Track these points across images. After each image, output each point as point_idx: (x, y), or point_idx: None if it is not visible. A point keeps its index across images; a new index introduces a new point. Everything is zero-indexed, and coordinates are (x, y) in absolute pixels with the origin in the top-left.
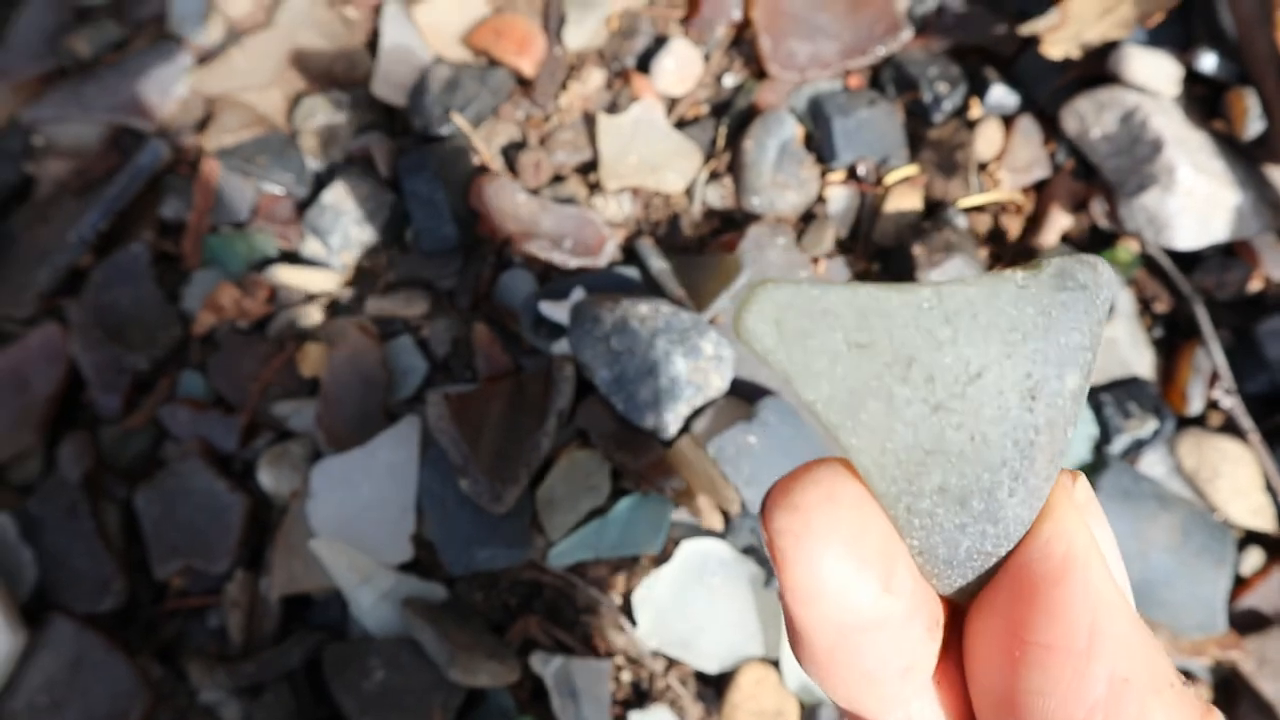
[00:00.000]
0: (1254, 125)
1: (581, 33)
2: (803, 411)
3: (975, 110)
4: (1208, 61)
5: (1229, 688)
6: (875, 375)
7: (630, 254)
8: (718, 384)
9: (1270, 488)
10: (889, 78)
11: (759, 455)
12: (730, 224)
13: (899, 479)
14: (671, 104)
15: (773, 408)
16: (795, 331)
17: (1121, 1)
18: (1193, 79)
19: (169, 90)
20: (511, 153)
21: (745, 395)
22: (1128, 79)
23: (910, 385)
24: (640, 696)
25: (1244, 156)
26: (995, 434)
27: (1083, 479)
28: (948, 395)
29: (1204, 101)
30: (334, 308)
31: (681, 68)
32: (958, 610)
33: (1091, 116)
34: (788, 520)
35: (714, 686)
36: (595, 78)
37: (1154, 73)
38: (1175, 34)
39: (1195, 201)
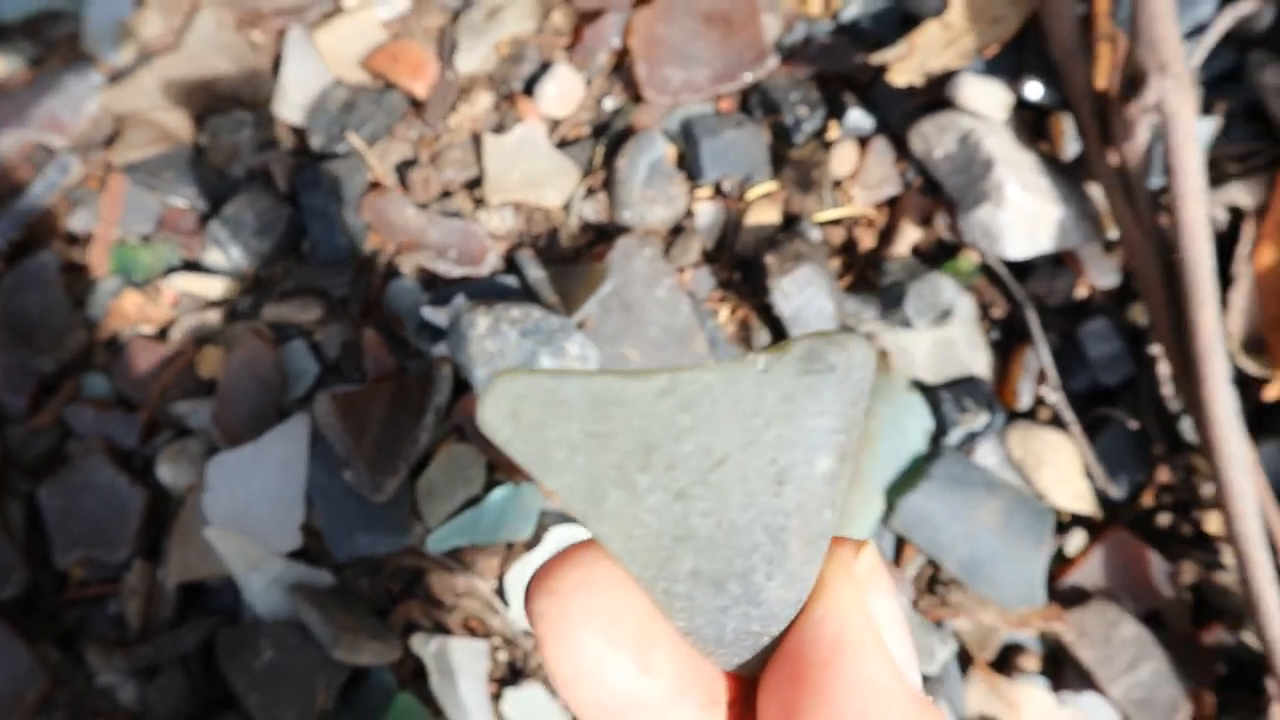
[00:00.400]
0: (1072, 147)
1: (472, 58)
2: (550, 498)
3: (833, 132)
4: (1033, 90)
5: (1055, 657)
6: (615, 465)
7: (511, 263)
8: None
9: (1089, 474)
10: (756, 102)
11: None
12: (604, 236)
13: (650, 564)
14: (554, 125)
15: None
16: (531, 423)
17: (963, 34)
18: (1021, 105)
19: (81, 108)
20: (403, 169)
21: None
22: (963, 104)
23: (651, 473)
24: (515, 674)
25: (1066, 175)
26: (743, 520)
27: (869, 551)
28: (690, 482)
29: (1031, 125)
30: (233, 314)
31: (564, 92)
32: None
33: (934, 138)
34: (546, 604)
35: None
36: (484, 100)
37: (986, 99)
38: (1009, 64)
39: (1023, 216)
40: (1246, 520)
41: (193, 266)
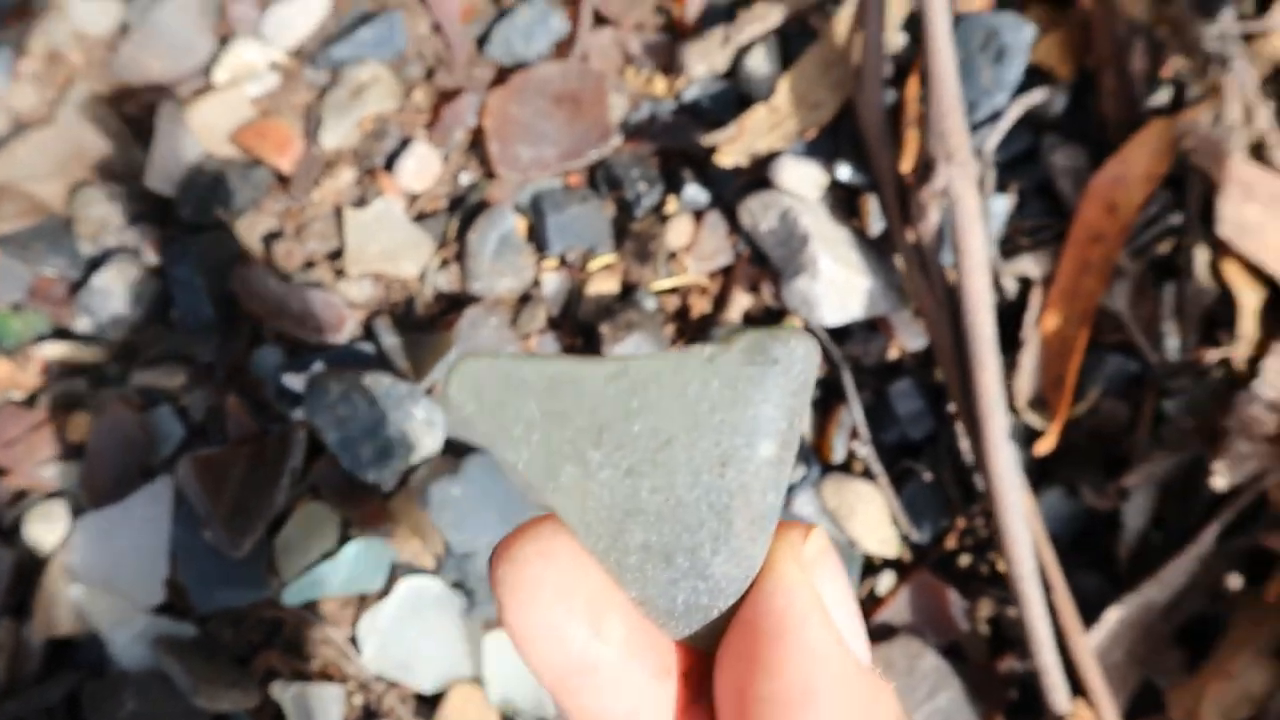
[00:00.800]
0: (877, 224)
1: (336, 134)
2: (510, 474)
3: (671, 206)
4: (844, 171)
5: None
6: (569, 441)
7: (369, 331)
8: (430, 444)
9: (896, 521)
10: (601, 178)
11: (462, 505)
12: (456, 305)
13: (603, 536)
14: (412, 199)
15: (476, 464)
16: (492, 401)
17: (787, 118)
18: (835, 185)
19: None
20: (269, 241)
21: (456, 453)
22: (781, 185)
23: (602, 450)
24: (369, 716)
25: (874, 249)
26: (690, 497)
27: (818, 533)
28: (639, 460)
29: (844, 203)
30: (101, 380)
31: (422, 167)
32: (710, 659)
33: (759, 214)
34: (505, 570)
35: (430, 704)
36: (346, 175)
37: (803, 180)
38: (827, 147)
39: (835, 286)
40: (1022, 562)
41: (63, 334)
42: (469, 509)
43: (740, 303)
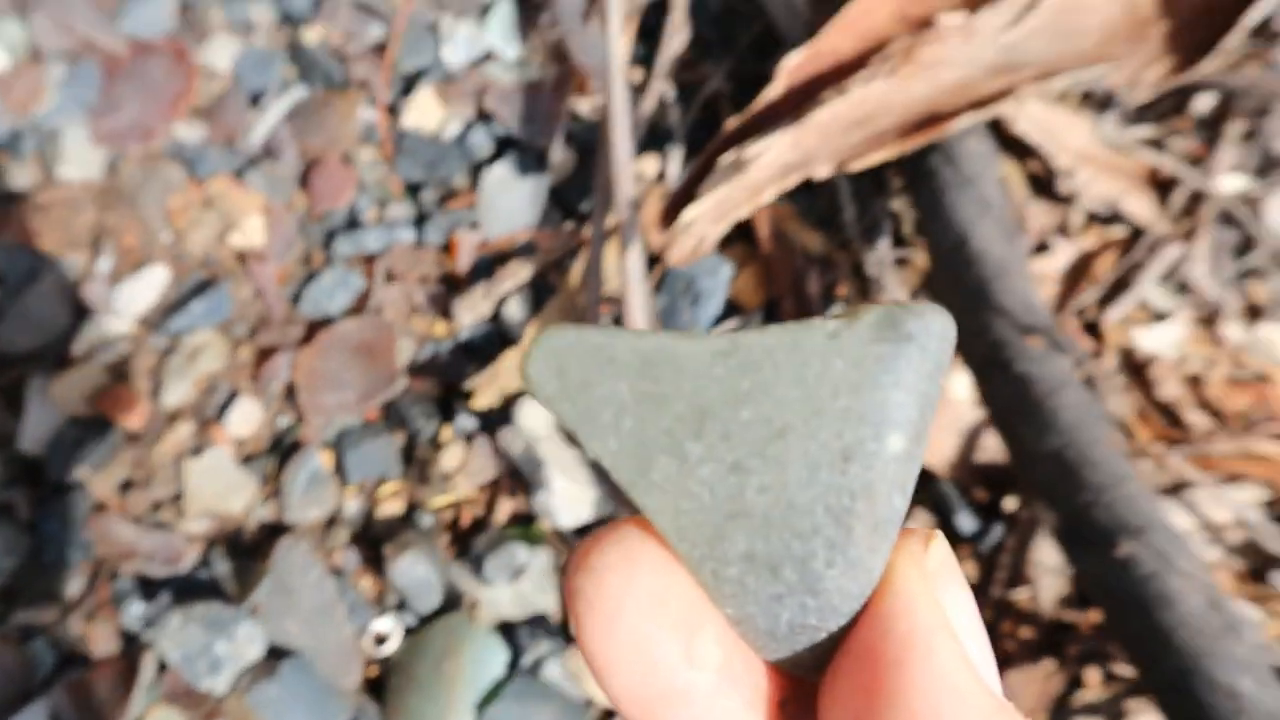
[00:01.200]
0: None
1: (176, 394)
2: (599, 466)
3: (447, 434)
4: None
5: None
6: (665, 430)
7: (206, 560)
8: (252, 653)
9: None
10: (394, 415)
11: (279, 701)
12: (275, 533)
13: (700, 543)
14: (239, 444)
15: (291, 666)
16: (578, 381)
17: None
18: None
19: None
20: (122, 490)
21: (275, 656)
22: (520, 423)
23: (704, 442)
24: None
25: (598, 468)
26: (804, 499)
27: (940, 541)
28: (747, 454)
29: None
30: None
31: (246, 417)
32: (811, 687)
33: (511, 441)
34: (584, 581)
35: None
36: (184, 429)
37: (538, 419)
38: None
39: (567, 497)
40: None
41: None
42: (285, 703)
43: (504, 509)
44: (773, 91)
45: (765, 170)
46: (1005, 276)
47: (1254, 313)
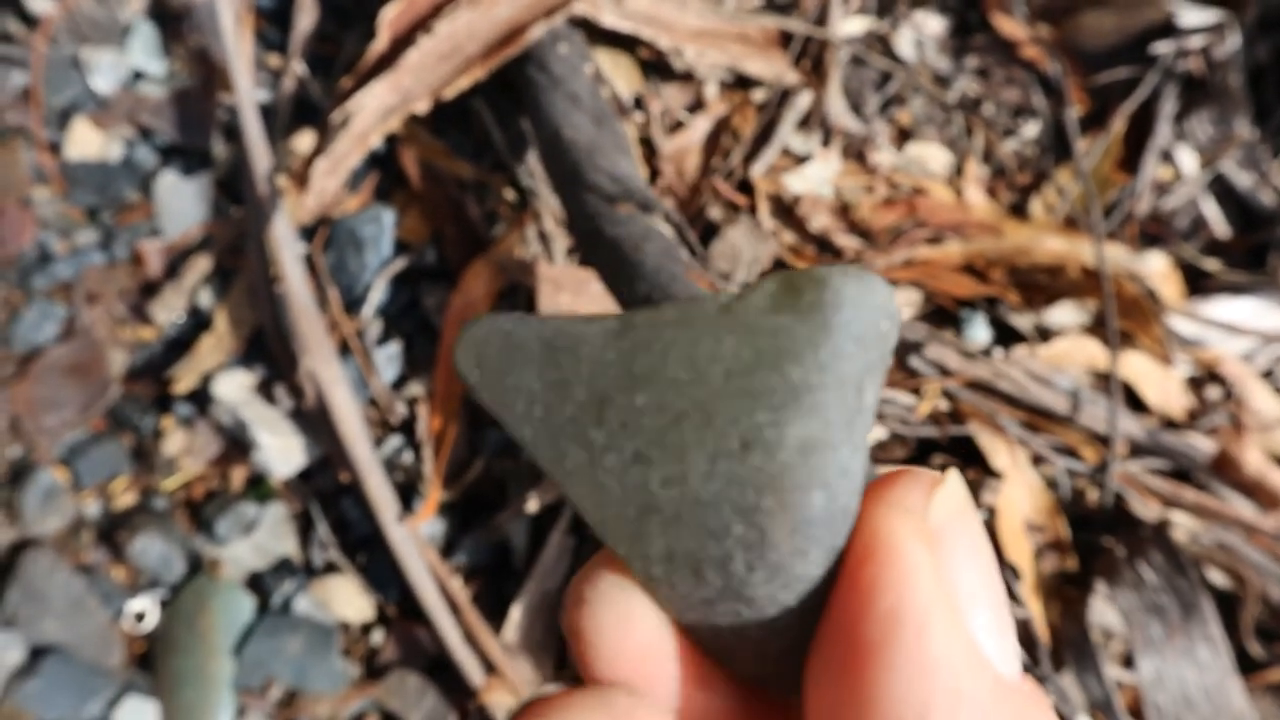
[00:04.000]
0: (286, 402)
1: None
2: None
3: (168, 423)
4: (259, 370)
5: (388, 715)
6: (571, 418)
7: None
8: (13, 659)
9: (367, 594)
10: (115, 418)
11: (45, 693)
12: (24, 546)
13: (623, 539)
14: None
15: (51, 660)
16: (494, 370)
17: (225, 338)
18: (262, 381)
19: None
20: None
21: (35, 656)
22: (219, 394)
23: (605, 430)
24: None
25: (298, 417)
26: (708, 493)
27: (949, 485)
28: (646, 443)
29: (268, 389)
30: None
31: None
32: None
33: (221, 413)
34: (577, 619)
35: None
36: None
37: (232, 384)
38: (254, 353)
39: (276, 449)
40: (430, 600)
41: None
42: (50, 693)
43: (239, 475)
44: (378, 45)
45: (369, 118)
46: (595, 156)
47: (903, 135)
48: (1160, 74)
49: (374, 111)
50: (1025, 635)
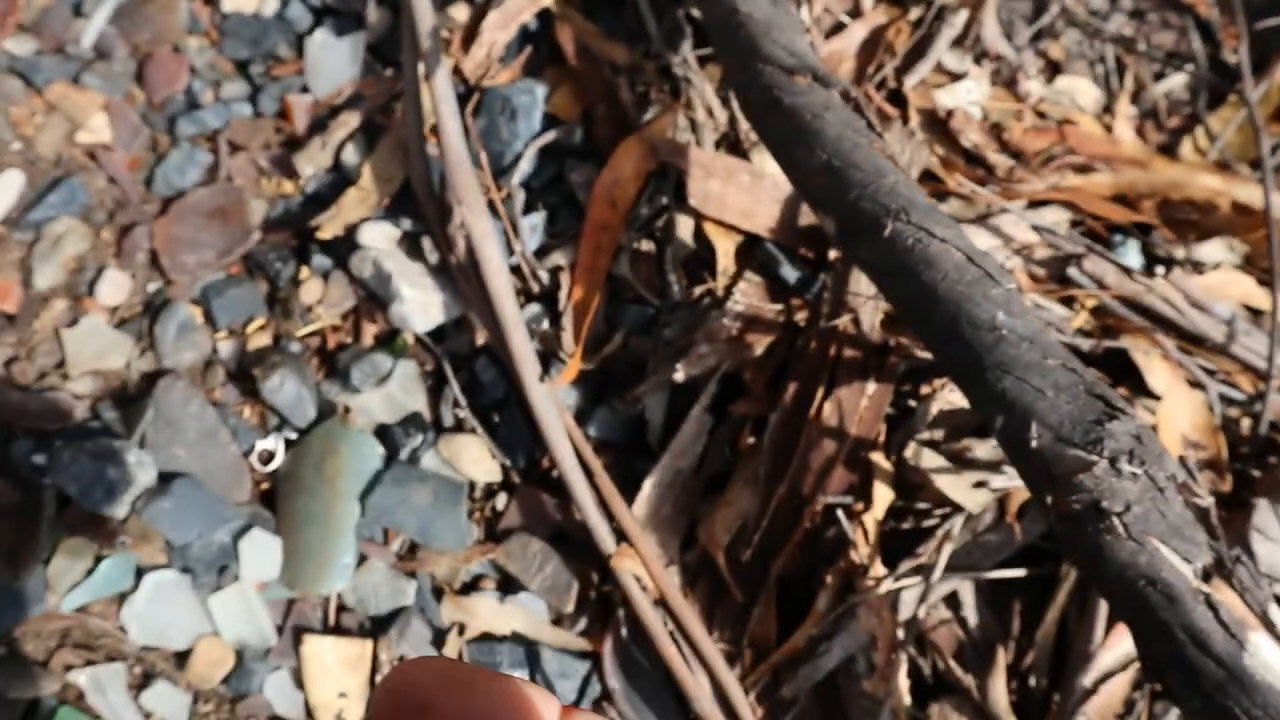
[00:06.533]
0: (433, 256)
1: (46, 277)
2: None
3: (305, 273)
4: (405, 224)
5: (506, 577)
6: None
7: (95, 412)
8: (144, 478)
9: (494, 456)
10: (253, 263)
11: (173, 514)
12: (159, 376)
13: None
14: (113, 311)
15: (182, 484)
16: None
17: (371, 193)
18: (405, 234)
19: None
20: (8, 365)
21: (164, 479)
22: (366, 243)
23: None
24: (147, 678)
25: (439, 272)
26: None
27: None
28: None
29: (411, 245)
30: None
31: (115, 287)
32: None
33: (361, 265)
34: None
35: (185, 657)
36: (59, 305)
37: (381, 235)
38: (400, 208)
39: (417, 305)
40: (565, 459)
41: None
42: (180, 515)
43: (369, 330)
44: None
45: None
46: (771, 31)
47: (1053, 69)
48: None
49: None
50: (1208, 524)
